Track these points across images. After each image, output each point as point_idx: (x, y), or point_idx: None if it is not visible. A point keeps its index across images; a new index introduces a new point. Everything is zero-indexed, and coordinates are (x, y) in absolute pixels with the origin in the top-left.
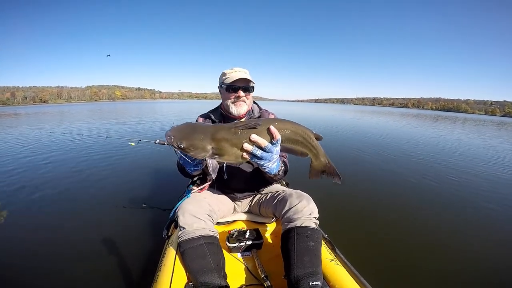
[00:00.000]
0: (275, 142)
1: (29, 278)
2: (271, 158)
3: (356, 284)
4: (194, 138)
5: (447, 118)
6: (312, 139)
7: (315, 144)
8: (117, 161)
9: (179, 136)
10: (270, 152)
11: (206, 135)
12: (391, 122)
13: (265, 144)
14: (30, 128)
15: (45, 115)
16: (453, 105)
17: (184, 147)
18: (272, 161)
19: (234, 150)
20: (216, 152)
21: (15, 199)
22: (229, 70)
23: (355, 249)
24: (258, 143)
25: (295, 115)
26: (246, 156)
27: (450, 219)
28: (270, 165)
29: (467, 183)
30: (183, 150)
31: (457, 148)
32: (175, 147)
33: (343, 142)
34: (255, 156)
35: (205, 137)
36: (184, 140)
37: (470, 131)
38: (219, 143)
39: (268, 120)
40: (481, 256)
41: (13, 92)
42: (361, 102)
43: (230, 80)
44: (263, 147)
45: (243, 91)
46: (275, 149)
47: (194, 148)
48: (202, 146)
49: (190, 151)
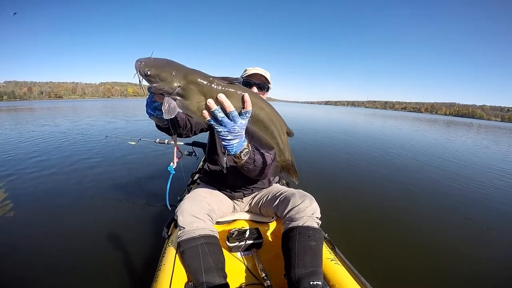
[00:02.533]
0: (244, 113)
1: (28, 277)
2: (232, 130)
3: (356, 283)
4: (164, 70)
5: (460, 123)
6: (284, 133)
7: (285, 139)
8: (117, 160)
9: (149, 63)
10: (233, 122)
11: (179, 71)
12: (403, 127)
13: (231, 109)
14: (35, 123)
15: (56, 110)
16: (468, 111)
17: (150, 75)
18: (232, 133)
19: (199, 99)
20: (181, 93)
21: (14, 198)
22: (251, 67)
23: (355, 249)
24: (223, 105)
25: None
26: (206, 114)
27: (450, 219)
28: (230, 138)
29: (469, 187)
30: (148, 78)
31: (456, 149)
32: (140, 74)
33: (344, 142)
34: (215, 118)
35: (177, 73)
36: (153, 68)
37: (485, 138)
38: (189, 85)
39: (249, 91)
40: (481, 257)
41: (30, 87)
42: (372, 105)
43: (247, 74)
44: (227, 112)
45: (257, 88)
46: (240, 121)
47: (161, 80)
48: (169, 80)
49: (154, 81)
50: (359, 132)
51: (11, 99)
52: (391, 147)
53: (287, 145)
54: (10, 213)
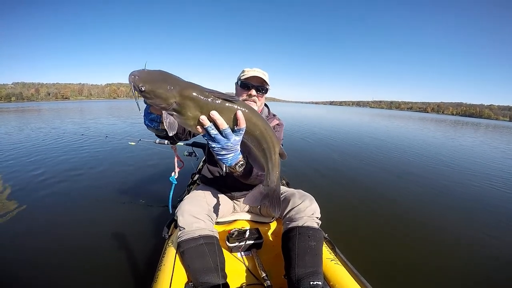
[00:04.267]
0: (237, 130)
1: (28, 277)
2: (226, 146)
3: (356, 284)
4: (159, 86)
5: (469, 123)
6: (275, 153)
7: (276, 159)
8: (117, 160)
9: (144, 78)
10: (227, 139)
11: (175, 87)
12: (407, 127)
13: (224, 127)
14: (37, 125)
15: (62, 111)
16: (476, 111)
17: (145, 91)
18: (226, 150)
19: (196, 114)
20: (177, 109)
21: (13, 198)
22: (249, 68)
23: (355, 249)
24: (216, 122)
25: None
26: (200, 130)
27: (450, 220)
28: (224, 153)
29: (471, 187)
30: (143, 94)
31: (456, 150)
32: (135, 89)
33: (344, 142)
34: (208, 134)
35: (172, 89)
36: (148, 83)
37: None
38: (184, 100)
39: (244, 104)
40: (481, 257)
41: (37, 88)
42: (377, 105)
43: (246, 76)
44: (220, 129)
45: (256, 90)
46: (233, 138)
47: (156, 96)
48: (165, 97)
49: (150, 97)
50: (359, 133)
51: (19, 100)
52: (392, 147)
53: (277, 166)
54: (10, 213)
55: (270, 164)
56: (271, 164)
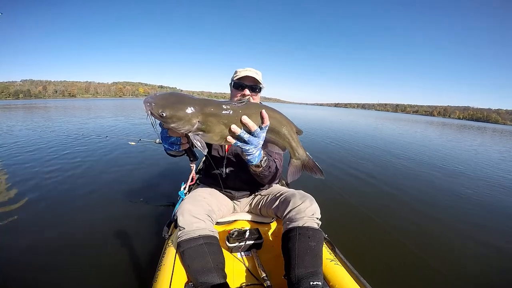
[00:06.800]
0: (264, 127)
1: (27, 277)
2: (258, 144)
3: (356, 284)
4: (179, 108)
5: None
6: (294, 132)
7: (296, 138)
8: (117, 160)
9: (162, 103)
10: (257, 137)
11: (194, 106)
12: (412, 130)
13: (255, 128)
14: (39, 123)
15: (67, 110)
16: (483, 115)
17: (167, 116)
18: (257, 147)
19: (221, 128)
20: (202, 128)
21: (13, 197)
22: (242, 69)
23: (355, 250)
24: (248, 126)
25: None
26: (231, 139)
27: (450, 220)
28: (255, 152)
29: (472, 188)
30: (164, 120)
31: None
32: (155, 116)
33: (345, 143)
34: (241, 139)
35: (192, 109)
36: (167, 108)
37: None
38: (207, 117)
39: (257, 105)
40: (481, 257)
41: (44, 86)
42: (383, 108)
43: (238, 77)
44: (252, 131)
45: (249, 90)
46: (262, 135)
47: (178, 119)
48: (187, 118)
49: (172, 122)
50: (360, 134)
51: (27, 97)
52: (393, 148)
53: (298, 142)
54: (9, 212)
55: (294, 143)
56: (295, 142)
